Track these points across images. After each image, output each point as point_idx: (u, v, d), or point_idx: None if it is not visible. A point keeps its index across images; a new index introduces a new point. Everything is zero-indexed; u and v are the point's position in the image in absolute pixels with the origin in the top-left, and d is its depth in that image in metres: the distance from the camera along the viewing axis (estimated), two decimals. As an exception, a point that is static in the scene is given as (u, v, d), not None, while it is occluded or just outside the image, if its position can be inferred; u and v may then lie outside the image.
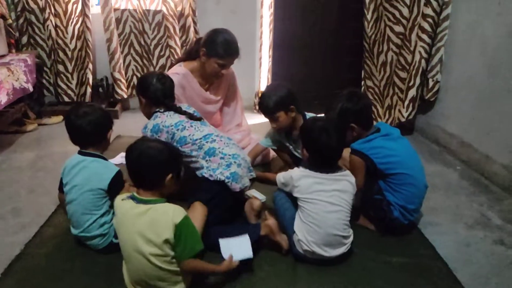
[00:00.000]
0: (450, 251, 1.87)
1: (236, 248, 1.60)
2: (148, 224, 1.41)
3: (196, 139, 1.92)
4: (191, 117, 2.01)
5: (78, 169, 1.74)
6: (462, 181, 2.58)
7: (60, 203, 1.93)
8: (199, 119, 2.03)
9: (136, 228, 1.42)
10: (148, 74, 2.14)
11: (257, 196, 2.05)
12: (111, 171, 1.73)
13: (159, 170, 1.47)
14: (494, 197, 2.37)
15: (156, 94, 2.01)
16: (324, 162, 1.75)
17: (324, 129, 1.71)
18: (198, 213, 1.75)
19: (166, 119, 1.97)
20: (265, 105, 2.16)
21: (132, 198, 1.48)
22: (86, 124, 1.72)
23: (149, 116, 2.06)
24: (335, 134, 1.71)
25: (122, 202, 1.50)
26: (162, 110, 2.02)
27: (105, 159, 1.80)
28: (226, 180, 1.83)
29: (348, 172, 1.80)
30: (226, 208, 1.89)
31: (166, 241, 1.40)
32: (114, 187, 1.71)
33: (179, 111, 2.02)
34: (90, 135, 1.75)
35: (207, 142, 1.92)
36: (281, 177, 1.83)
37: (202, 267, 1.52)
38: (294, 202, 1.88)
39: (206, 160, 1.90)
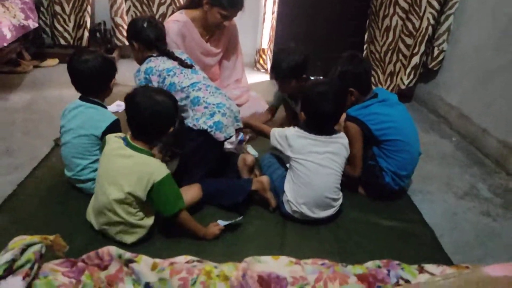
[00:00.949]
0: (437, 219, 1.91)
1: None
2: (124, 170, 1.42)
3: (184, 87, 1.89)
4: (182, 63, 1.98)
5: (75, 113, 1.73)
6: (456, 153, 2.59)
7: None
8: (190, 66, 1.99)
9: (113, 168, 1.43)
10: (138, 18, 2.10)
11: (250, 151, 2.05)
12: (108, 119, 1.71)
13: (165, 125, 1.50)
14: (486, 171, 2.39)
15: (149, 37, 1.98)
16: (321, 126, 1.74)
17: (323, 95, 1.69)
18: (191, 192, 1.72)
19: (160, 64, 1.95)
20: (277, 69, 2.07)
21: (123, 139, 1.48)
22: (89, 71, 1.69)
23: (141, 62, 2.02)
24: (333, 99, 1.69)
25: (114, 139, 1.50)
26: (155, 55, 1.99)
27: (105, 107, 1.79)
28: (209, 129, 1.80)
29: (342, 134, 1.80)
30: (212, 158, 1.88)
31: (130, 193, 1.41)
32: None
33: (171, 56, 1.99)
34: (92, 82, 1.72)
35: (193, 90, 1.88)
36: (275, 132, 1.81)
37: (194, 229, 1.55)
38: (282, 163, 1.90)
39: (192, 110, 1.88)
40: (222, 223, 1.64)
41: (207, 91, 1.90)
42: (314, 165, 1.69)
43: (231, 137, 1.90)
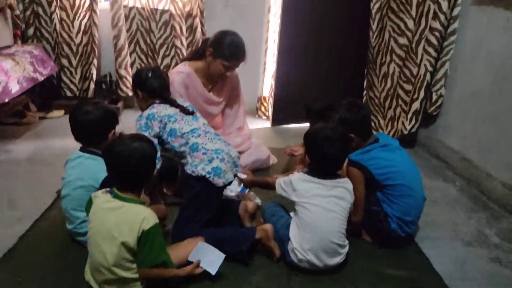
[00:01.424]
0: (446, 267, 1.86)
1: (208, 258, 1.58)
2: (116, 222, 1.40)
3: (184, 133, 1.93)
4: (183, 110, 2.03)
5: (73, 165, 1.74)
6: (461, 197, 2.56)
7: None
8: (191, 113, 2.04)
9: (104, 223, 1.41)
10: (144, 68, 2.20)
11: (251, 198, 2.05)
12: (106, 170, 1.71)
13: (149, 169, 1.48)
14: (492, 215, 2.36)
15: (152, 85, 2.05)
16: (326, 170, 1.75)
17: (328, 138, 1.71)
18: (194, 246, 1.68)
19: (161, 110, 2.00)
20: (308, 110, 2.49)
21: (110, 192, 1.47)
22: (88, 122, 1.71)
23: (144, 110, 2.06)
24: (338, 143, 1.71)
25: (100, 195, 1.49)
26: (158, 102, 2.05)
27: None
28: (207, 175, 1.80)
29: (346, 179, 1.80)
30: (212, 205, 1.87)
31: (124, 244, 1.38)
32: (107, 187, 1.66)
33: (174, 103, 2.05)
34: (91, 132, 1.73)
35: (192, 136, 1.92)
36: (281, 181, 1.82)
37: (162, 274, 1.49)
38: (286, 211, 1.89)
39: (191, 156, 1.89)
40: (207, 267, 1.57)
41: (206, 137, 1.93)
42: (319, 209, 1.68)
43: (230, 182, 1.90)
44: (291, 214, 1.82)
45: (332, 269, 1.72)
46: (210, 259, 1.59)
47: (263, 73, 3.70)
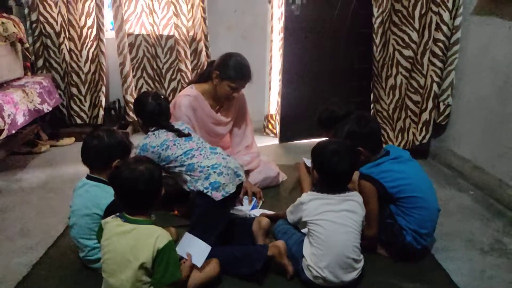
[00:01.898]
0: (465, 278, 1.82)
1: (195, 250, 1.59)
2: (130, 245, 1.39)
3: (177, 156, 1.98)
4: (179, 134, 2.06)
5: (80, 193, 1.74)
6: (476, 206, 2.52)
7: None
8: (186, 135, 2.08)
9: (118, 249, 1.40)
10: (143, 94, 2.22)
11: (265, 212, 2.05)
12: (110, 196, 1.63)
13: (157, 190, 1.49)
14: (509, 222, 2.31)
15: (152, 113, 2.10)
16: (335, 184, 1.74)
17: (336, 152, 1.70)
18: (209, 267, 1.69)
19: (153, 140, 2.04)
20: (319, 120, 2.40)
21: (120, 216, 1.47)
22: (93, 149, 1.73)
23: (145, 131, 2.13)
24: (346, 157, 1.70)
25: (110, 220, 1.48)
26: (152, 129, 2.09)
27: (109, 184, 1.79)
28: (205, 191, 1.83)
29: (356, 192, 1.78)
30: (218, 220, 1.87)
31: (142, 266, 1.37)
32: (112, 213, 1.62)
33: (170, 129, 2.08)
34: (94, 160, 1.75)
35: (187, 158, 1.96)
36: (289, 208, 1.84)
37: None
38: (297, 228, 1.88)
39: (189, 175, 1.94)
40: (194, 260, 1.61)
41: (201, 156, 1.98)
42: (331, 224, 1.65)
43: (231, 194, 1.89)
44: (303, 231, 1.80)
45: (348, 285, 1.68)
46: (197, 251, 1.62)
47: (269, 91, 3.73)
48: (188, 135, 2.09)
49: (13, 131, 2.60)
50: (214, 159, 1.95)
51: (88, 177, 1.77)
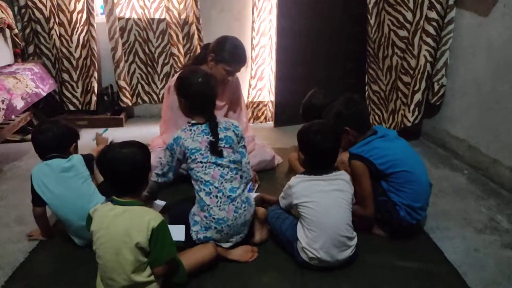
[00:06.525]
0: (459, 256, 1.84)
1: (174, 232, 1.60)
2: (124, 226, 1.40)
3: (197, 178, 1.78)
4: (212, 148, 1.79)
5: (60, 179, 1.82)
6: (470, 185, 2.54)
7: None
8: (219, 152, 1.79)
9: (112, 231, 1.41)
10: (188, 72, 1.94)
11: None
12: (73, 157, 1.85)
13: (144, 172, 1.51)
14: (503, 201, 2.33)
15: (199, 97, 1.84)
16: (320, 164, 1.76)
17: (319, 131, 1.74)
18: (204, 250, 1.69)
19: (188, 138, 1.81)
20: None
21: (111, 201, 1.48)
22: (48, 140, 1.84)
23: (186, 115, 1.93)
24: (329, 135, 1.74)
25: (100, 206, 1.49)
26: (192, 123, 1.85)
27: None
28: (197, 242, 1.74)
29: (342, 171, 1.80)
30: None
31: (137, 246, 1.38)
32: (89, 164, 1.85)
33: (213, 130, 1.81)
34: (52, 147, 1.85)
35: (203, 191, 1.75)
36: (281, 194, 1.85)
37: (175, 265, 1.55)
38: (289, 212, 1.88)
39: (197, 201, 1.80)
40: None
41: (216, 200, 1.74)
42: (323, 205, 1.68)
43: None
44: (296, 214, 1.82)
45: (343, 263, 1.71)
46: (176, 232, 1.71)
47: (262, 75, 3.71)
48: (220, 153, 1.80)
49: (13, 116, 2.67)
50: (224, 212, 1.72)
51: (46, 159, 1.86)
